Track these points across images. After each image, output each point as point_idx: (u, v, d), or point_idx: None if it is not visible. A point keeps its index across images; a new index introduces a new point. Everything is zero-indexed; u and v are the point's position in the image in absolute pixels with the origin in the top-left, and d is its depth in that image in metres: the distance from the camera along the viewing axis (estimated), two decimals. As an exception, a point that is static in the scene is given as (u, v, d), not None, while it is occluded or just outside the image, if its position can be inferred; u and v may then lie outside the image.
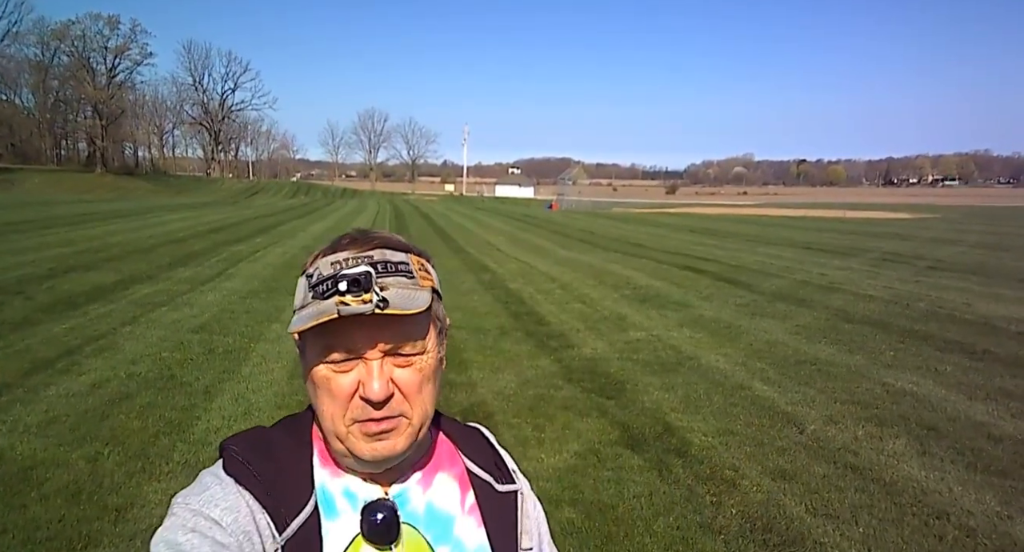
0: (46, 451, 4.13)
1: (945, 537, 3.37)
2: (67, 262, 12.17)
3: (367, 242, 0.79)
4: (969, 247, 20.02)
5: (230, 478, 0.78)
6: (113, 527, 3.29)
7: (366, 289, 0.72)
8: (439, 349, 0.83)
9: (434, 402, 0.83)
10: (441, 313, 0.84)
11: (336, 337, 0.75)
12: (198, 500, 0.75)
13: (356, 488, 0.82)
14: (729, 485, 3.93)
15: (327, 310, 0.72)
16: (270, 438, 0.83)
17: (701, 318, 8.79)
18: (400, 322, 0.75)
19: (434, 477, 0.88)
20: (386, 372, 0.76)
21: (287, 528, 0.76)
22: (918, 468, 4.20)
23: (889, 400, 5.51)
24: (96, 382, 5.48)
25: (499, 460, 0.94)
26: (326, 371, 0.77)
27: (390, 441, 0.78)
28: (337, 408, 0.77)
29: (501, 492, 0.90)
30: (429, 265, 0.83)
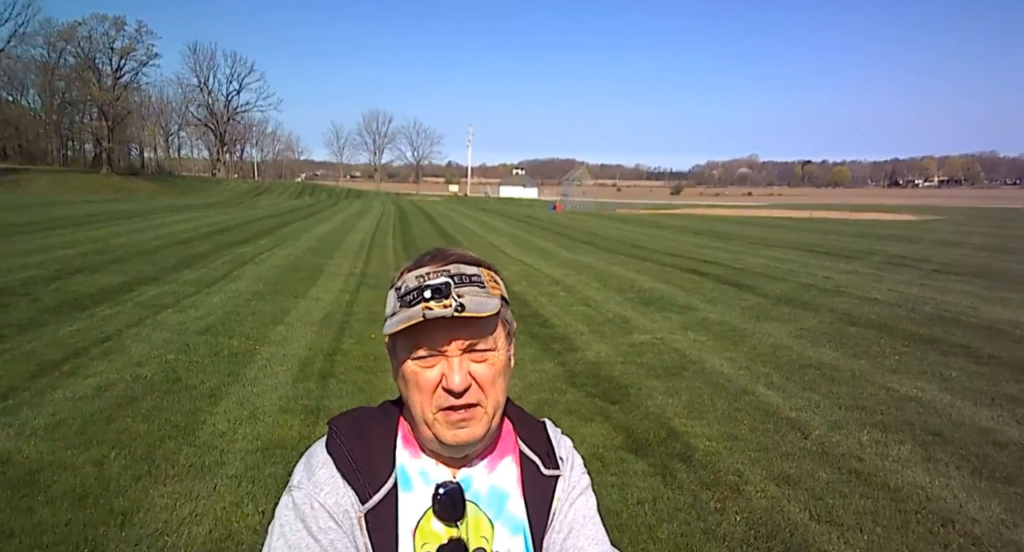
0: (53, 454, 4.15)
1: (950, 545, 3.36)
2: (72, 264, 12.22)
3: (445, 259, 0.94)
4: (974, 250, 19.95)
5: (330, 459, 0.94)
6: (119, 531, 3.30)
7: (446, 295, 0.87)
8: (508, 348, 0.97)
9: (505, 393, 0.96)
10: (509, 317, 0.99)
11: (422, 337, 0.90)
12: (309, 486, 0.93)
13: (429, 469, 0.97)
14: (733, 491, 3.92)
15: (414, 315, 0.87)
16: (365, 421, 1.00)
17: (705, 321, 8.78)
18: (475, 324, 0.89)
19: (498, 463, 1.01)
20: (464, 366, 0.90)
21: (370, 500, 0.92)
22: (923, 474, 4.19)
23: (894, 405, 5.50)
24: (102, 385, 5.50)
25: (551, 450, 1.05)
26: (414, 367, 0.91)
27: (469, 429, 0.92)
28: (425, 398, 0.91)
29: (545, 475, 1.02)
30: (498, 277, 0.98)
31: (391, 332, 0.90)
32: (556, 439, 1.07)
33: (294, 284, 11.15)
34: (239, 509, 3.55)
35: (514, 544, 0.96)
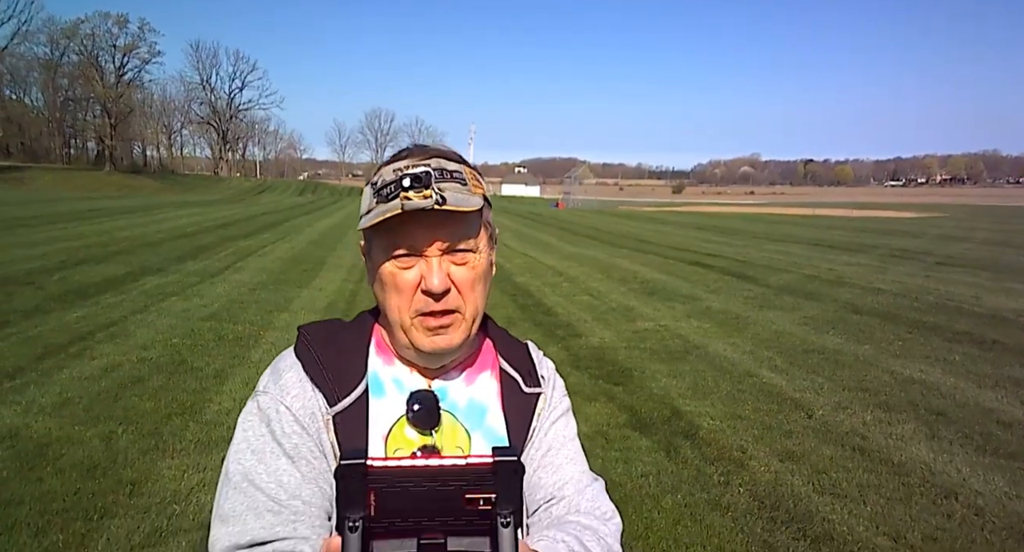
0: (61, 429, 4.18)
1: (953, 515, 3.38)
2: (77, 255, 12.26)
3: (425, 153, 0.89)
4: (978, 244, 19.93)
5: (298, 363, 0.92)
6: (128, 499, 3.33)
7: (426, 185, 0.80)
8: (490, 252, 0.93)
9: (484, 300, 0.92)
10: (490, 220, 0.95)
11: (400, 235, 0.85)
12: (276, 390, 0.90)
13: (404, 377, 0.94)
14: (737, 465, 3.94)
15: (392, 208, 0.82)
16: (337, 327, 0.98)
17: (709, 310, 8.79)
18: (455, 221, 0.85)
19: (477, 376, 0.98)
20: (444, 268, 0.86)
21: (339, 403, 0.89)
22: (927, 451, 4.20)
23: (898, 387, 5.51)
24: (108, 366, 5.53)
25: (532, 368, 1.02)
26: (391, 267, 0.87)
27: (447, 335, 0.88)
28: (403, 301, 0.87)
29: (525, 393, 0.99)
30: (481, 178, 0.92)
31: (367, 226, 0.86)
32: (538, 359, 1.05)
33: (297, 275, 11.18)
34: (246, 480, 3.57)
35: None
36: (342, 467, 0.50)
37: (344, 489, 0.50)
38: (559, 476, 0.98)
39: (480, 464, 0.51)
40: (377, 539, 0.51)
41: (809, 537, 3.15)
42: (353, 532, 0.49)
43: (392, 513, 0.50)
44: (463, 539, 0.51)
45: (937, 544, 3.11)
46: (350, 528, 0.49)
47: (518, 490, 0.51)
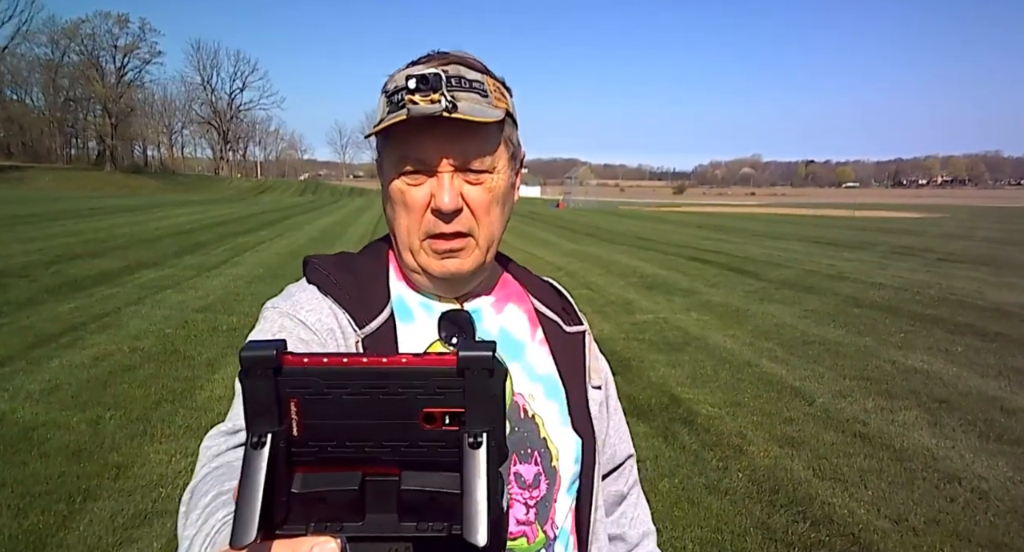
0: (48, 415, 4.11)
1: (956, 499, 3.30)
2: (73, 250, 12.20)
3: (444, 58, 0.79)
4: (979, 241, 19.84)
5: (312, 286, 0.84)
6: (113, 483, 3.26)
7: (435, 89, 0.71)
8: (510, 174, 0.83)
9: (502, 226, 0.83)
10: (516, 139, 0.84)
11: (409, 147, 0.77)
12: (286, 304, 0.82)
13: (432, 302, 0.86)
14: (736, 451, 3.87)
15: (398, 114, 0.73)
16: (350, 256, 0.90)
17: (708, 303, 8.72)
18: (471, 134, 0.76)
19: (505, 306, 0.90)
20: (456, 186, 0.77)
21: (367, 325, 0.80)
22: (929, 437, 4.13)
23: (899, 377, 5.43)
24: (99, 355, 5.47)
25: (567, 306, 0.96)
26: (401, 184, 0.79)
27: (457, 260, 0.81)
28: (412, 221, 0.80)
29: (569, 332, 0.92)
30: (507, 91, 0.82)
31: (371, 133, 0.78)
32: (567, 295, 0.99)
33: (295, 270, 10.92)
34: (234, 463, 3.51)
35: (536, 390, 0.86)
36: (244, 361, 0.35)
37: (250, 394, 0.36)
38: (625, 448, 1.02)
39: (440, 362, 0.36)
40: (303, 470, 0.37)
41: (809, 520, 3.08)
42: (258, 449, 0.35)
43: (323, 434, 0.36)
44: (423, 474, 0.37)
45: (940, 527, 3.03)
46: (253, 444, 0.35)
47: (498, 401, 0.37)
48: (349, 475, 0.37)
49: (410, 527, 0.37)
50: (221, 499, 0.62)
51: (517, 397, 0.84)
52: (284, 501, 0.36)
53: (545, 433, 0.84)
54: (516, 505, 0.80)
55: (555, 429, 0.85)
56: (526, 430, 0.83)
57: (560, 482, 0.84)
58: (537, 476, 0.82)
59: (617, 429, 1.01)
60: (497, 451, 0.36)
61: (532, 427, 0.83)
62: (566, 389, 0.88)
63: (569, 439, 0.85)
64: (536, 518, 0.81)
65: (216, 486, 0.64)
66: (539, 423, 0.84)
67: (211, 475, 0.68)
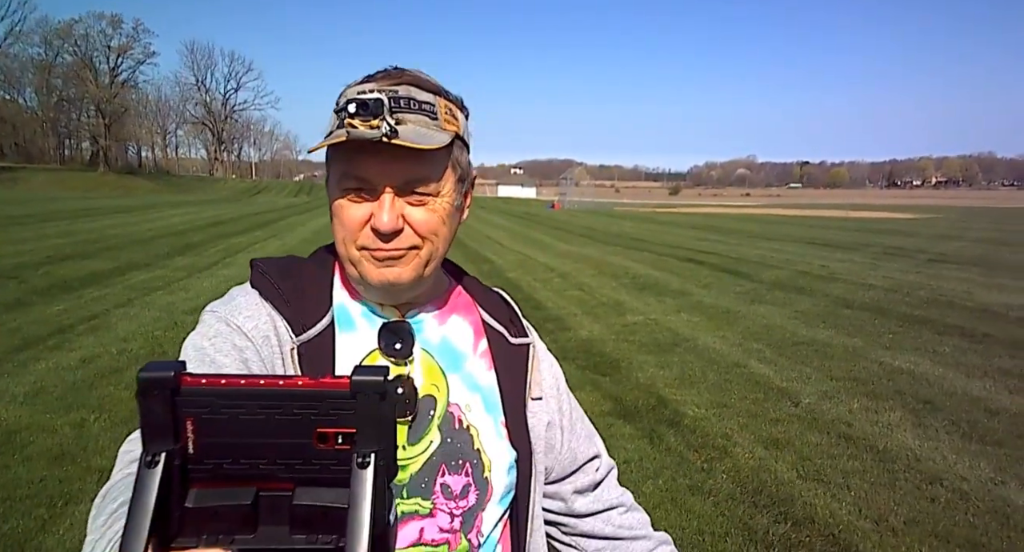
0: (32, 418, 4.10)
1: (938, 499, 3.32)
2: (64, 251, 12.16)
3: (397, 77, 0.78)
4: (971, 242, 19.94)
5: (254, 291, 0.84)
6: (96, 486, 3.25)
7: (375, 114, 0.71)
8: (456, 196, 0.83)
9: (446, 244, 0.83)
10: (464, 162, 0.83)
11: (351, 164, 0.77)
12: (225, 309, 0.82)
13: (374, 311, 0.86)
14: (721, 452, 3.88)
15: (337, 135, 0.73)
16: (295, 261, 0.90)
17: (699, 304, 8.74)
18: (414, 159, 0.75)
19: (449, 317, 0.91)
20: (397, 207, 0.77)
21: (304, 333, 0.80)
22: (913, 438, 4.15)
23: (886, 377, 5.46)
24: (86, 357, 5.45)
25: (514, 317, 0.96)
26: (343, 201, 0.79)
27: (396, 269, 0.80)
28: (348, 234, 0.79)
29: (514, 344, 0.93)
30: (459, 112, 0.82)
31: (311, 149, 0.77)
32: (515, 306, 0.98)
33: (287, 270, 11.08)
34: (218, 466, 3.50)
35: (474, 401, 0.86)
36: (142, 382, 0.36)
37: (146, 413, 0.37)
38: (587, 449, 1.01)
39: (334, 386, 0.38)
40: (199, 486, 0.38)
41: (790, 520, 3.09)
42: (151, 467, 0.36)
43: (218, 452, 0.38)
44: (315, 490, 0.38)
45: (919, 527, 3.05)
46: (147, 463, 0.36)
47: (387, 423, 0.39)
48: (243, 491, 0.38)
49: (300, 539, 0.38)
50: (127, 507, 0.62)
51: (453, 408, 0.85)
52: (178, 516, 0.38)
53: (479, 444, 0.85)
54: (440, 514, 0.81)
55: (490, 441, 0.85)
56: (460, 441, 0.83)
57: (492, 493, 0.84)
58: (466, 487, 0.82)
59: (574, 434, 1.00)
60: (385, 470, 0.38)
61: (466, 438, 0.84)
62: (504, 401, 0.88)
63: (503, 451, 0.86)
64: (461, 527, 0.82)
65: (126, 492, 0.64)
66: (474, 434, 0.85)
67: (124, 481, 0.68)
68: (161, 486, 0.36)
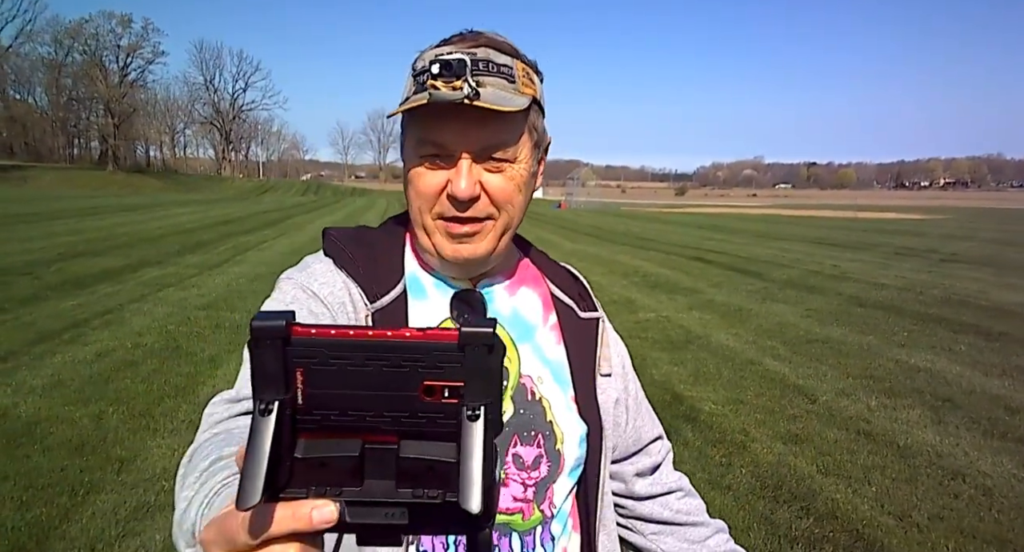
0: (51, 410, 4.11)
1: (961, 495, 3.29)
2: (76, 248, 12.22)
3: (474, 40, 0.77)
4: (982, 242, 19.80)
5: (328, 259, 0.85)
6: (116, 476, 3.26)
7: (458, 75, 0.70)
8: (532, 162, 0.82)
9: (522, 212, 0.83)
10: (541, 127, 0.83)
11: (429, 130, 0.76)
12: (301, 276, 0.83)
13: (446, 280, 0.87)
14: (739, 448, 3.86)
15: (419, 98, 0.73)
16: (366, 230, 0.90)
17: (711, 302, 8.71)
18: (492, 122, 0.74)
19: (518, 289, 0.91)
20: (474, 174, 0.76)
21: (378, 300, 0.81)
22: (933, 435, 4.12)
23: (903, 375, 5.42)
24: (102, 351, 5.47)
25: (583, 291, 0.95)
26: (419, 168, 0.78)
27: (471, 245, 0.80)
28: (424, 202, 0.79)
29: (583, 318, 0.91)
30: (535, 76, 0.80)
31: (393, 113, 0.77)
32: (584, 281, 0.98)
33: (297, 268, 11.11)
34: (237, 457, 3.51)
35: (544, 374, 0.85)
36: (255, 331, 0.36)
37: (258, 362, 0.37)
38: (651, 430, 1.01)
39: (442, 337, 0.37)
40: (306, 436, 0.38)
41: (812, 515, 3.07)
42: (265, 416, 0.36)
43: (326, 402, 0.38)
44: (421, 443, 0.38)
45: (944, 522, 3.02)
46: (261, 411, 0.36)
47: (495, 377, 0.37)
48: (350, 442, 0.38)
49: (406, 493, 0.38)
50: (220, 464, 0.62)
51: (525, 379, 0.84)
52: (287, 466, 0.38)
53: (551, 416, 0.84)
54: (513, 484, 0.80)
55: (561, 413, 0.85)
56: (532, 412, 0.83)
57: (564, 465, 0.83)
58: (538, 459, 0.82)
59: (640, 413, 1.00)
60: (493, 424, 0.37)
61: (539, 410, 0.83)
62: (573, 375, 0.87)
63: (574, 424, 0.85)
64: (533, 497, 0.81)
65: (216, 451, 0.65)
66: (546, 406, 0.84)
67: (211, 440, 0.68)
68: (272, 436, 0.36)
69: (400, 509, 0.38)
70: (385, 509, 0.38)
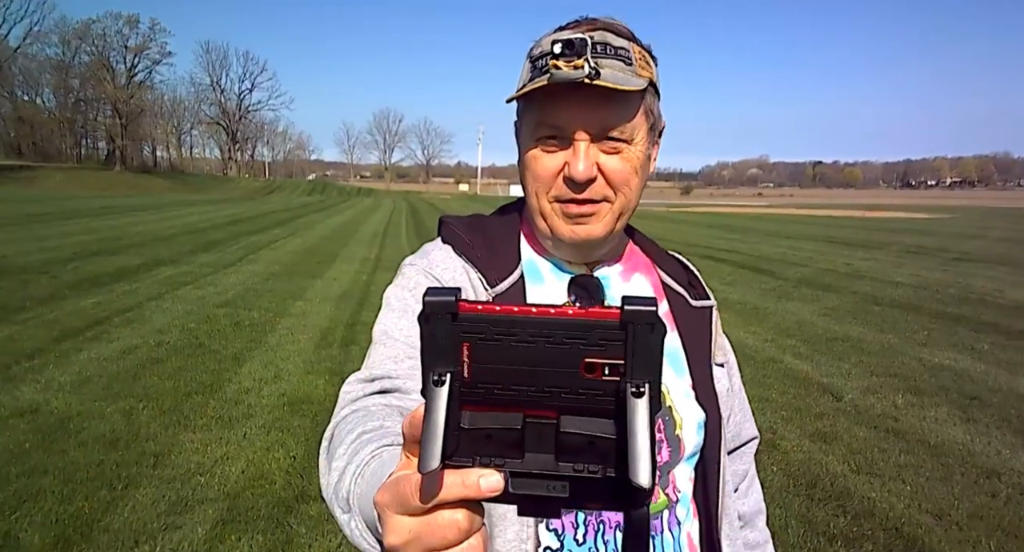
0: (82, 405, 4.14)
1: (998, 494, 3.28)
2: (90, 248, 12.28)
3: (592, 24, 0.78)
4: (994, 241, 19.70)
5: (447, 245, 0.87)
6: (152, 470, 3.28)
7: (579, 54, 0.71)
8: (648, 145, 0.82)
9: (638, 196, 0.83)
10: (656, 110, 0.83)
11: (546, 111, 0.77)
12: (423, 262, 0.85)
13: (561, 265, 0.87)
14: (768, 445, 3.85)
15: (540, 79, 0.74)
16: (483, 218, 0.92)
17: (726, 300, 8.69)
18: (610, 103, 0.74)
19: (632, 275, 0.91)
20: (592, 156, 0.77)
21: (498, 285, 0.82)
22: (963, 433, 4.10)
23: (927, 373, 5.40)
24: (126, 348, 5.50)
25: (694, 279, 0.95)
26: (536, 151, 0.79)
27: (589, 225, 0.80)
28: (541, 185, 0.80)
29: (696, 306, 0.91)
30: (652, 60, 0.81)
31: (512, 97, 0.78)
32: (694, 269, 0.97)
33: (310, 266, 11.15)
34: (270, 453, 3.53)
35: None
36: (428, 304, 0.38)
37: (429, 336, 0.38)
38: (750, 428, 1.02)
39: (604, 315, 0.37)
40: (470, 409, 0.39)
41: (849, 514, 3.06)
42: (439, 386, 0.38)
43: (490, 377, 0.39)
44: (580, 419, 0.38)
45: (983, 521, 3.01)
46: (435, 382, 0.38)
47: (656, 355, 0.38)
48: (512, 416, 0.39)
49: (567, 467, 0.39)
50: (366, 437, 0.63)
51: None
52: (455, 435, 0.39)
53: (670, 402, 0.84)
54: None
55: (680, 400, 0.85)
56: None
57: (684, 450, 0.83)
58: (659, 443, 0.81)
59: (742, 408, 1.00)
60: (655, 402, 0.38)
61: None
62: (690, 363, 0.87)
63: (693, 411, 0.85)
64: (658, 481, 0.81)
65: (359, 426, 0.66)
66: (664, 392, 0.84)
67: (352, 416, 0.70)
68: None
69: (561, 482, 0.38)
70: (547, 482, 0.39)
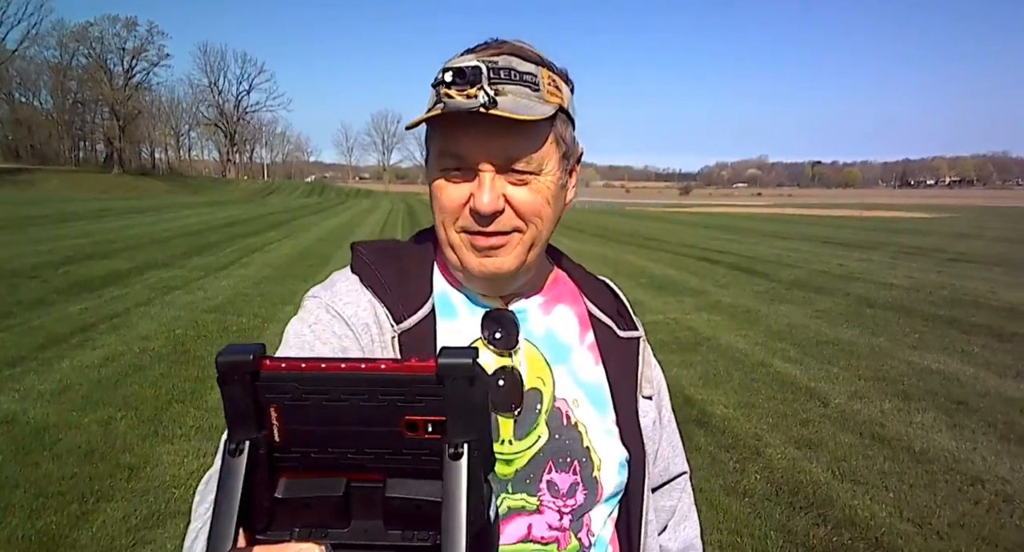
0: (59, 415, 4.10)
1: (981, 501, 3.25)
2: (83, 251, 12.24)
3: (497, 48, 0.74)
4: (990, 241, 19.68)
5: (355, 276, 0.81)
6: (126, 483, 3.24)
7: (472, 83, 0.67)
8: (561, 174, 0.77)
9: (551, 226, 0.79)
10: (569, 137, 0.78)
11: (448, 141, 0.73)
12: (326, 295, 0.80)
13: (475, 299, 0.82)
14: (753, 452, 3.82)
15: (433, 108, 0.71)
16: (396, 245, 0.87)
17: (719, 303, 8.66)
18: (512, 133, 0.70)
19: (554, 307, 0.86)
20: (498, 187, 0.73)
21: (404, 321, 0.77)
22: (949, 439, 4.07)
23: (915, 377, 5.37)
24: (110, 355, 5.46)
25: (622, 308, 0.91)
26: (441, 181, 0.76)
27: (498, 258, 0.76)
28: (447, 216, 0.76)
29: (623, 337, 0.87)
30: (564, 84, 0.77)
31: (410, 125, 0.73)
32: (622, 296, 0.92)
33: (304, 269, 11.10)
34: (247, 464, 3.49)
35: (581, 397, 0.81)
36: (220, 366, 0.34)
37: (228, 399, 0.35)
38: (679, 463, 0.97)
39: (419, 369, 0.34)
40: (287, 475, 0.36)
41: (830, 522, 3.03)
42: (235, 456, 0.35)
43: (304, 440, 0.36)
44: (407, 482, 0.36)
45: (964, 530, 2.98)
46: (231, 451, 0.35)
47: (479, 410, 0.35)
48: (333, 481, 0.36)
49: (396, 535, 0.36)
50: None
51: (560, 403, 0.80)
52: (267, 506, 0.36)
53: (588, 442, 0.80)
54: (548, 511, 0.77)
55: (599, 439, 0.81)
56: (568, 438, 0.79)
57: (601, 493, 0.80)
58: (574, 486, 0.78)
59: (671, 442, 0.96)
60: (481, 461, 0.35)
61: (575, 435, 0.79)
62: (614, 398, 0.83)
63: (615, 450, 0.81)
64: (570, 525, 0.78)
65: None
66: (582, 432, 0.80)
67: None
68: (248, 475, 0.35)
69: None
70: None
